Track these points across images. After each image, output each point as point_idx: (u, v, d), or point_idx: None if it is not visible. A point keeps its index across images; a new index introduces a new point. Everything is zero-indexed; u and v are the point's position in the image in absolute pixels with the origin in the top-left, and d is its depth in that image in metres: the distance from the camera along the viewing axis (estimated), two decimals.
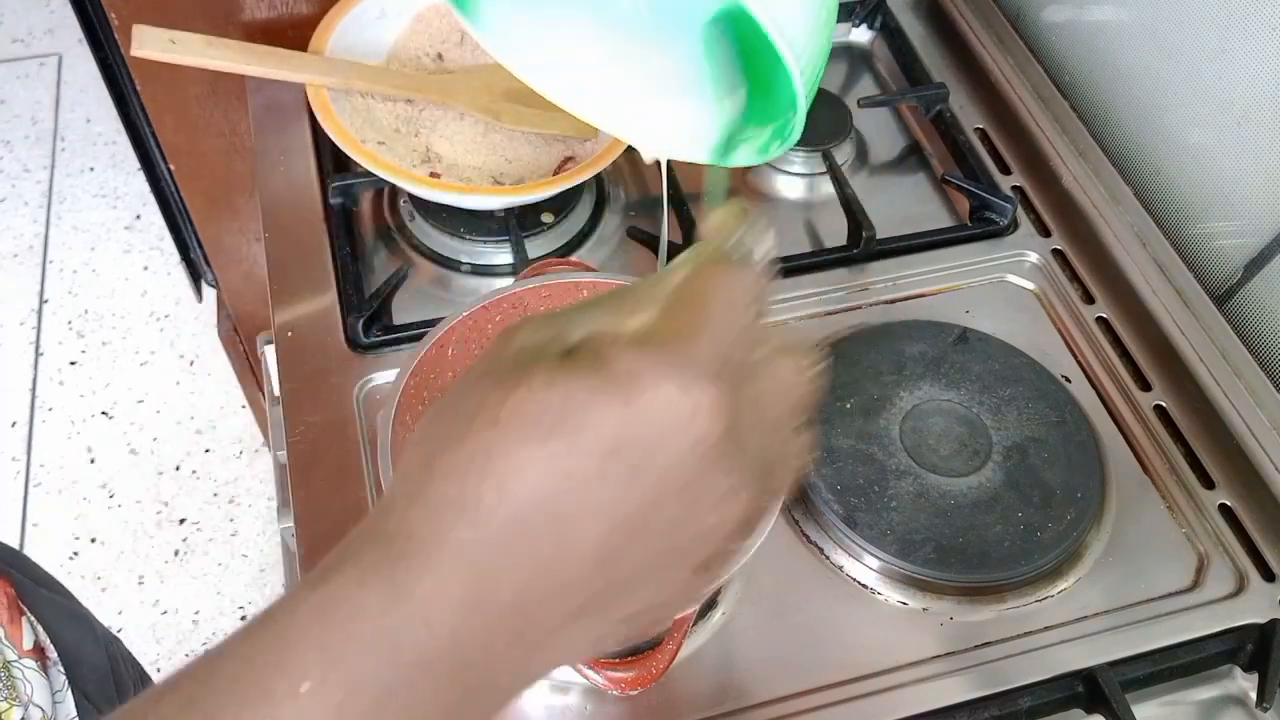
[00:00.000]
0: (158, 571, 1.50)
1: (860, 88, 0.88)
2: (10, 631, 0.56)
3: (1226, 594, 0.59)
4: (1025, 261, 0.74)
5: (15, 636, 0.57)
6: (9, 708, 0.53)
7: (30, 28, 2.18)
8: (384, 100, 0.76)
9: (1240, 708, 0.57)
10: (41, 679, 0.57)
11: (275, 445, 0.76)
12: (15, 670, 0.55)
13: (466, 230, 0.73)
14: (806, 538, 0.60)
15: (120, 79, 0.96)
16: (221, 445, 1.62)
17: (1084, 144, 0.78)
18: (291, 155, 0.77)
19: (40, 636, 0.59)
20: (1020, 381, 0.66)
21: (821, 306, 0.71)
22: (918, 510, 0.60)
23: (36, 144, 2.00)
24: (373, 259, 0.74)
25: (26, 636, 0.58)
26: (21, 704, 0.54)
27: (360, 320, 0.67)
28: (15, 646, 0.56)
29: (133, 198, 1.91)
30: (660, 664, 0.48)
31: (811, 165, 0.79)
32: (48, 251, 1.85)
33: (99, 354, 1.72)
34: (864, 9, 0.90)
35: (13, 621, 0.57)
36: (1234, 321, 0.69)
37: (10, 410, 1.65)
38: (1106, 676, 0.54)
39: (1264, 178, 0.68)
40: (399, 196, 0.75)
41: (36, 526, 1.53)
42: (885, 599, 0.58)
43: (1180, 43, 0.73)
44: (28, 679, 0.56)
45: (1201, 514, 0.62)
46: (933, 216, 0.78)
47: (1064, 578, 0.59)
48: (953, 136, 0.80)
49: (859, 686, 0.55)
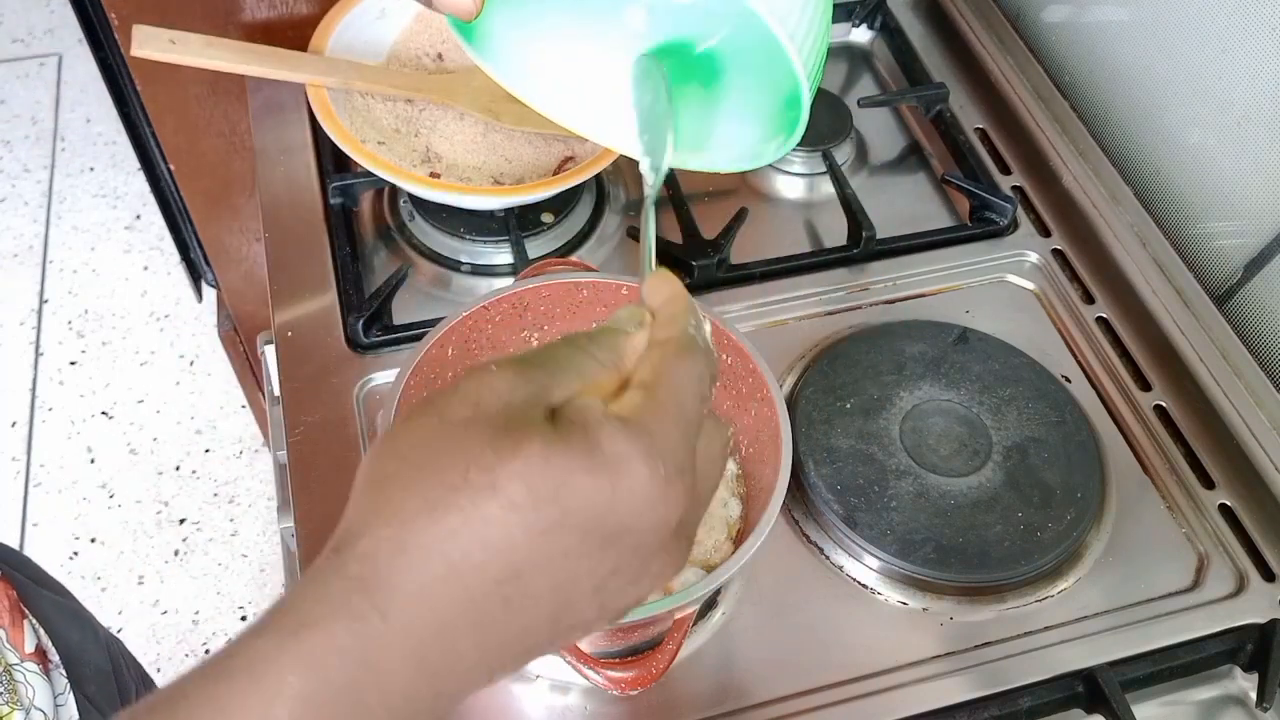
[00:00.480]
0: (158, 571, 1.50)
1: (860, 88, 0.88)
2: (12, 635, 0.56)
3: (1226, 594, 0.59)
4: (1025, 261, 0.74)
5: (17, 640, 0.57)
6: (10, 711, 0.53)
7: (30, 28, 2.18)
8: (384, 100, 0.76)
9: (1240, 708, 0.56)
10: (43, 682, 0.56)
11: (275, 445, 0.76)
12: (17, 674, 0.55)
13: (466, 230, 0.73)
14: (806, 538, 0.60)
15: (120, 79, 0.96)
16: (221, 445, 1.62)
17: (1084, 144, 0.78)
18: (291, 155, 0.77)
19: (42, 639, 0.59)
20: (1020, 381, 0.66)
21: (821, 306, 0.71)
22: (918, 510, 0.60)
23: (36, 144, 2.00)
24: (373, 259, 0.74)
25: (28, 639, 0.58)
26: (23, 708, 0.54)
27: (360, 320, 0.67)
28: (17, 650, 0.56)
29: (133, 198, 1.91)
30: (660, 664, 0.48)
31: (811, 165, 0.79)
32: (48, 251, 1.85)
33: (99, 354, 1.72)
34: (864, 9, 0.90)
35: (14, 624, 0.57)
36: (1234, 321, 0.69)
37: (10, 410, 1.65)
38: (1106, 676, 0.54)
39: (1264, 178, 0.68)
40: (399, 196, 0.75)
41: (36, 526, 1.53)
42: (885, 599, 0.58)
43: (1180, 43, 0.73)
44: (29, 682, 0.55)
45: (1201, 514, 0.62)
46: (933, 216, 0.78)
47: (1064, 578, 0.59)
48: (953, 136, 0.80)
49: (859, 686, 0.55)
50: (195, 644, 1.44)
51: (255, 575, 1.50)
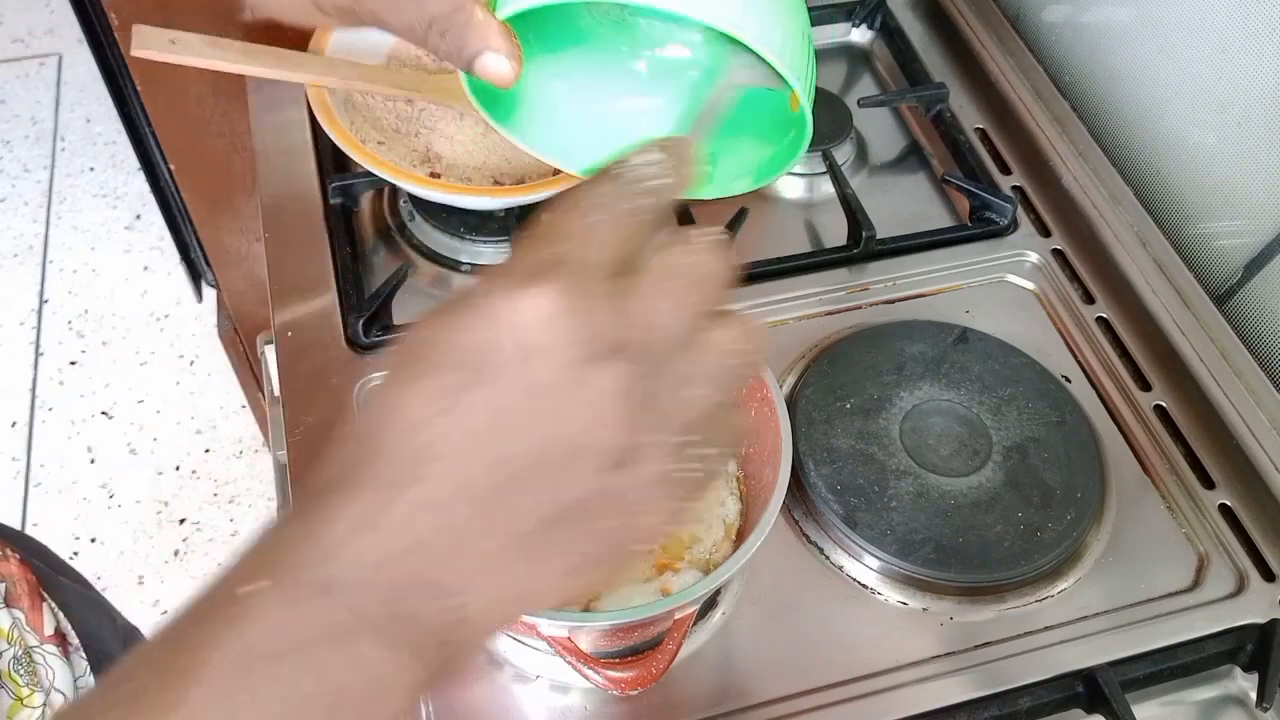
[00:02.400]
0: (158, 571, 1.50)
1: (860, 88, 0.88)
2: (31, 617, 0.57)
3: (1226, 594, 0.59)
4: (1025, 261, 0.74)
5: (36, 622, 0.57)
6: (31, 693, 0.53)
7: (30, 28, 2.18)
8: (384, 100, 0.76)
9: (1240, 708, 0.56)
10: (63, 664, 0.57)
11: (275, 445, 0.76)
12: (37, 656, 0.55)
13: (466, 230, 0.73)
14: (806, 538, 0.60)
15: (120, 79, 0.96)
16: (221, 445, 1.62)
17: (1084, 144, 0.78)
18: (291, 155, 0.77)
19: (61, 622, 0.59)
20: (1020, 381, 0.66)
21: (821, 306, 0.71)
22: (918, 510, 0.60)
23: (36, 144, 2.00)
24: (373, 259, 0.74)
25: (48, 623, 0.58)
26: (44, 689, 0.54)
27: (360, 320, 0.67)
28: (37, 632, 0.56)
29: (133, 198, 1.91)
30: (660, 664, 0.48)
31: (811, 165, 0.79)
32: (48, 251, 1.85)
33: (99, 354, 1.72)
34: (864, 9, 0.90)
35: (34, 608, 0.57)
36: (1234, 321, 0.69)
37: (10, 410, 1.65)
38: (1106, 676, 0.54)
39: (1264, 178, 0.68)
40: (399, 196, 0.75)
41: (36, 526, 1.53)
42: (885, 599, 0.58)
43: (1180, 43, 0.73)
44: (49, 665, 0.56)
45: (1201, 514, 0.62)
46: (933, 216, 0.78)
47: (1064, 578, 0.59)
48: (953, 136, 0.80)
49: (859, 686, 0.55)
50: None
51: None
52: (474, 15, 0.45)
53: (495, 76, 0.45)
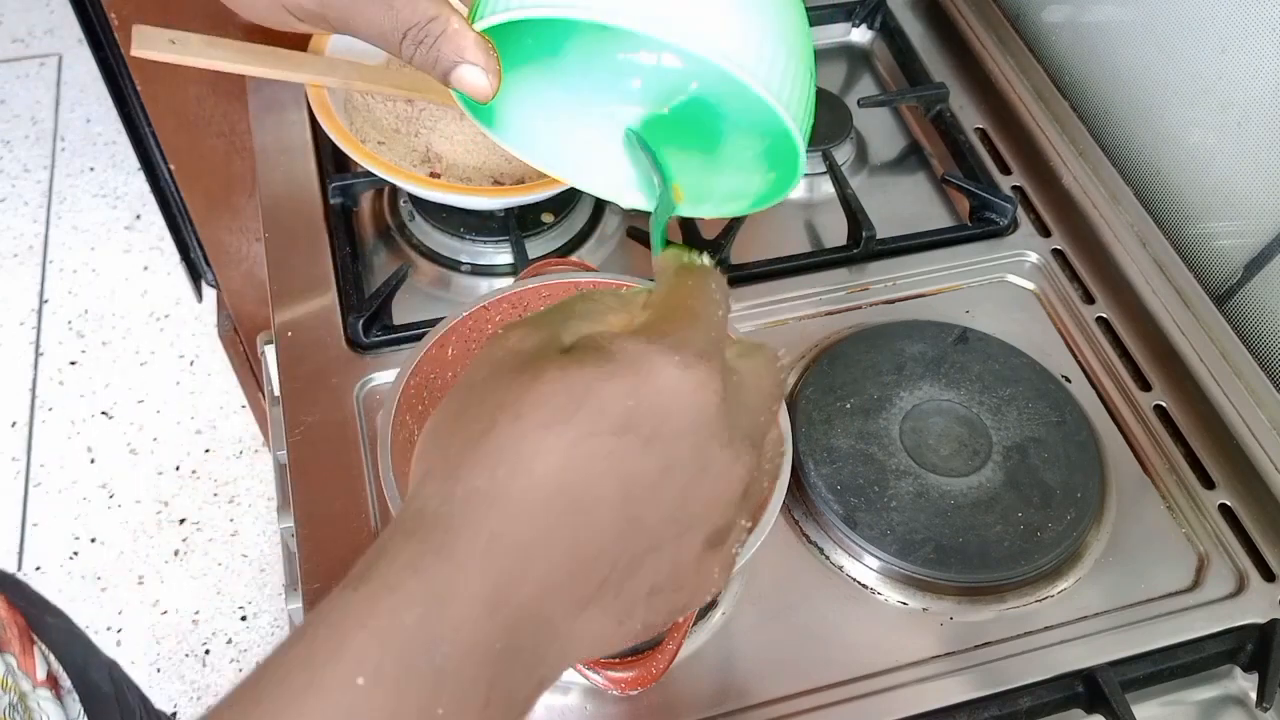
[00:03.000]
0: (158, 571, 1.50)
1: (860, 88, 0.88)
2: (23, 662, 0.56)
3: (1226, 594, 0.59)
4: (1025, 261, 0.74)
5: (29, 667, 0.56)
6: None
7: (30, 28, 2.18)
8: (384, 100, 0.76)
9: (1240, 708, 0.56)
10: (58, 708, 0.56)
11: (275, 445, 0.76)
12: (31, 701, 0.55)
13: (466, 230, 0.73)
14: (806, 538, 0.60)
15: (120, 79, 0.96)
16: (221, 445, 1.62)
17: (1084, 144, 0.78)
18: (291, 155, 0.77)
19: (53, 665, 0.59)
20: (1020, 381, 0.66)
21: (821, 306, 0.71)
22: (918, 510, 0.60)
23: (36, 144, 2.00)
24: (373, 259, 0.74)
25: (40, 666, 0.57)
26: None
27: (360, 320, 0.67)
28: (30, 676, 0.56)
29: (133, 198, 1.91)
30: (660, 664, 0.48)
31: (811, 165, 0.79)
32: (48, 251, 1.85)
33: (99, 354, 1.72)
34: (864, 9, 0.90)
35: (25, 652, 0.57)
36: (1234, 321, 0.69)
37: (10, 410, 1.65)
38: (1106, 676, 0.54)
39: (1264, 178, 0.68)
40: (399, 196, 0.75)
41: (36, 526, 1.53)
42: (885, 599, 0.58)
43: (1180, 43, 0.73)
44: (44, 709, 0.55)
45: (1201, 514, 0.62)
46: (933, 216, 0.78)
47: (1064, 578, 0.59)
48: (953, 136, 0.80)
49: (859, 686, 0.55)
50: (195, 644, 1.44)
51: (255, 575, 1.50)
52: (449, 25, 0.43)
53: (471, 90, 0.43)
